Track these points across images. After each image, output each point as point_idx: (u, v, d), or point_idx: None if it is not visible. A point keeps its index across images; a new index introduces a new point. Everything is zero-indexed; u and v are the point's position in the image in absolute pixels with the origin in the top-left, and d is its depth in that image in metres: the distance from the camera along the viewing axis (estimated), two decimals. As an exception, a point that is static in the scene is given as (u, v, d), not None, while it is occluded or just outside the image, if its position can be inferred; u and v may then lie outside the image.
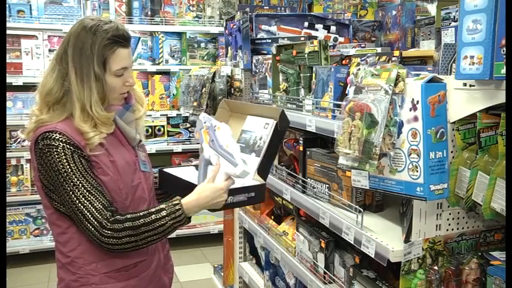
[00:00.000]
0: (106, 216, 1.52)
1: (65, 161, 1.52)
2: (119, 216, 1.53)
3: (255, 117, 1.82)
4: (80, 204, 1.52)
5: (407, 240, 1.49)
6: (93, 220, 1.51)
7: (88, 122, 1.56)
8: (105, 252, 1.59)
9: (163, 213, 1.55)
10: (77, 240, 1.60)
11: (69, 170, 1.52)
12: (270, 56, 2.54)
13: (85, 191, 1.52)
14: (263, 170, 1.72)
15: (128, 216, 1.54)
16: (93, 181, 1.55)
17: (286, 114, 1.76)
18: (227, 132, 1.62)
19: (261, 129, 1.77)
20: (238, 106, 1.96)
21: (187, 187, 1.60)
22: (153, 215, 1.54)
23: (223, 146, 1.59)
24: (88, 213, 1.51)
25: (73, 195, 1.52)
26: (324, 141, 2.22)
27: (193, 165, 1.95)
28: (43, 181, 1.58)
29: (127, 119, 1.69)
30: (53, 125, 1.56)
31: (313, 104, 2.09)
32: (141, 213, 1.55)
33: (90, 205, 1.52)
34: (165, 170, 1.86)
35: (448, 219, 1.53)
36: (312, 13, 3.09)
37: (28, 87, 4.26)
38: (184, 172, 1.84)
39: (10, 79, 4.25)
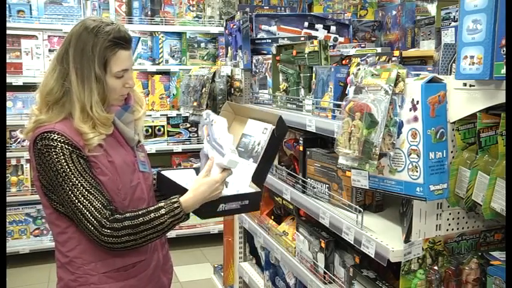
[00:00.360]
0: (105, 215, 1.52)
1: (63, 161, 1.52)
2: (118, 215, 1.54)
3: (255, 121, 1.81)
4: (79, 204, 1.52)
5: (407, 240, 1.49)
6: (93, 219, 1.51)
7: (87, 122, 1.56)
8: (104, 252, 1.59)
9: (162, 211, 1.55)
10: (76, 240, 1.60)
11: (68, 169, 1.52)
12: (270, 56, 2.54)
13: (84, 190, 1.52)
14: (258, 177, 1.69)
15: (127, 215, 1.54)
16: (92, 180, 1.55)
17: (284, 121, 1.73)
18: (222, 125, 1.61)
19: (259, 134, 1.75)
20: (241, 109, 1.95)
21: (184, 193, 1.60)
22: (152, 214, 1.55)
23: (216, 139, 1.58)
24: (87, 213, 1.52)
25: (72, 195, 1.52)
26: (324, 141, 2.22)
27: (193, 168, 1.94)
28: (42, 181, 1.59)
29: (126, 120, 1.69)
30: (51, 125, 1.56)
31: (313, 104, 2.09)
32: (140, 212, 1.55)
33: (89, 204, 1.52)
34: (163, 172, 1.84)
35: (448, 219, 1.53)
36: (312, 13, 3.09)
37: (28, 87, 4.28)
38: (183, 175, 1.83)
39: (10, 79, 4.25)
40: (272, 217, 2.79)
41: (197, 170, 1.87)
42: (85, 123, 1.56)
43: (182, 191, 1.61)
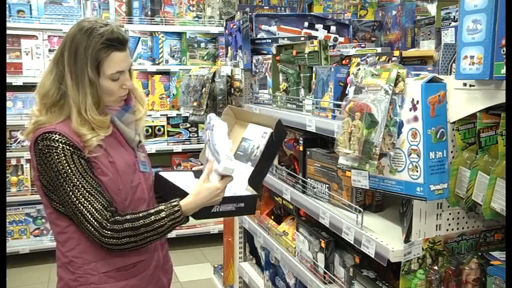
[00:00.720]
0: (106, 216, 1.52)
1: (64, 161, 1.52)
2: (118, 217, 1.54)
3: (255, 125, 1.81)
4: (79, 205, 1.52)
5: (407, 240, 1.49)
6: (93, 220, 1.52)
7: (85, 125, 1.56)
8: (105, 252, 1.59)
9: (163, 214, 1.55)
10: (76, 239, 1.60)
11: (69, 170, 1.52)
12: (270, 56, 2.54)
13: (85, 191, 1.52)
14: (254, 180, 1.69)
15: (128, 217, 1.55)
16: (93, 181, 1.55)
17: (282, 125, 1.73)
18: (222, 131, 1.61)
19: (259, 138, 1.75)
20: (242, 113, 1.95)
21: (182, 196, 1.60)
22: (153, 216, 1.55)
23: (215, 145, 1.59)
24: (88, 214, 1.52)
25: (73, 196, 1.52)
26: (324, 141, 2.22)
27: (192, 171, 1.93)
28: (42, 181, 1.59)
29: (126, 121, 1.69)
30: (52, 125, 1.56)
31: (313, 104, 2.09)
32: (140, 214, 1.56)
33: (90, 206, 1.52)
34: (162, 174, 1.83)
35: (448, 219, 1.53)
36: (312, 13, 3.09)
37: (28, 87, 4.25)
38: (181, 177, 1.82)
39: (10, 79, 4.25)
40: (272, 217, 2.79)
41: (195, 173, 1.87)
42: (83, 126, 1.55)
43: (180, 193, 1.61)
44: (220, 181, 1.56)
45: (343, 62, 2.08)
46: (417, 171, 1.35)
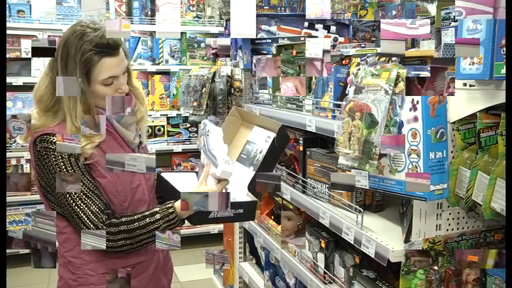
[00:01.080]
0: (102, 219, 1.53)
1: (62, 164, 1.52)
2: (114, 220, 1.54)
3: (260, 128, 1.80)
4: (76, 207, 1.52)
5: (407, 240, 1.49)
6: (89, 223, 1.52)
7: (79, 131, 1.54)
8: (103, 253, 1.59)
9: (157, 216, 1.55)
10: (74, 240, 1.60)
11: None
12: (270, 56, 2.53)
13: (81, 194, 1.52)
14: (254, 186, 1.67)
15: (123, 219, 1.55)
16: (90, 184, 1.55)
17: (286, 130, 1.72)
18: (217, 136, 1.61)
19: (262, 142, 1.74)
20: (247, 115, 1.94)
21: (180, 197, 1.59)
22: (147, 219, 1.55)
23: (211, 150, 1.58)
24: (84, 216, 1.52)
25: (69, 198, 1.52)
26: (324, 141, 2.22)
27: (195, 172, 1.93)
28: (41, 182, 1.59)
29: (126, 122, 1.68)
30: (50, 127, 1.56)
31: (313, 104, 2.09)
32: (135, 217, 1.56)
33: (86, 208, 1.52)
34: (164, 175, 1.82)
35: (448, 219, 1.53)
36: (312, 13, 3.09)
37: (28, 87, 4.30)
38: (182, 179, 1.82)
39: (10, 79, 4.24)
40: (272, 217, 2.79)
41: (197, 175, 1.86)
42: (77, 133, 1.54)
43: (178, 195, 1.60)
44: (216, 185, 1.56)
45: (343, 62, 2.08)
46: (417, 171, 1.35)
